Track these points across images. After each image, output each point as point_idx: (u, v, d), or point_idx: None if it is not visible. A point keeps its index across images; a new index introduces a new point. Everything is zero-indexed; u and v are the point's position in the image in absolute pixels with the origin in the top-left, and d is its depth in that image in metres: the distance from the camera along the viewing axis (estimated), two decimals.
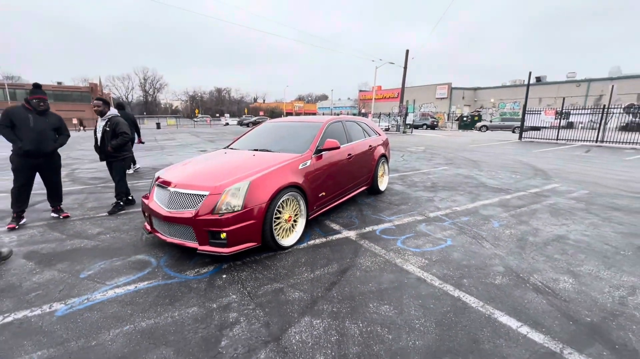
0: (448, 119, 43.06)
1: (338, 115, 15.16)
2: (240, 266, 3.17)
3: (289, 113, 62.68)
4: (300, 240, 3.73)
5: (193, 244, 3.13)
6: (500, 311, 2.41)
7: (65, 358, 1.97)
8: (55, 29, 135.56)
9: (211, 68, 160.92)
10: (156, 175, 3.83)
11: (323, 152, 4.16)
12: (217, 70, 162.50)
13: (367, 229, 4.17)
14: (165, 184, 3.43)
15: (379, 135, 6.20)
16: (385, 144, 6.29)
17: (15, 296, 2.67)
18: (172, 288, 2.79)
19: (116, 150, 4.61)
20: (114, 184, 4.90)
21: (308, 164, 3.88)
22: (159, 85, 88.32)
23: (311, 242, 3.74)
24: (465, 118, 37.26)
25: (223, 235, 3.02)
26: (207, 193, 3.12)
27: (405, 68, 28.50)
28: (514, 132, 26.94)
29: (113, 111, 4.70)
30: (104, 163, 4.93)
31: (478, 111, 42.03)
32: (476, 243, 3.69)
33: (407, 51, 28.14)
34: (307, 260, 3.28)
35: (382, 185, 6.00)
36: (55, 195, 4.48)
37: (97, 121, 4.74)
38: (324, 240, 3.81)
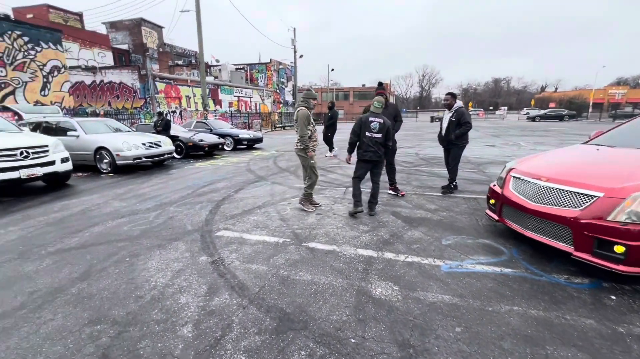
0: None
1: None
2: (630, 293, 2.53)
3: (597, 104, 46.31)
4: None
5: (565, 247, 2.82)
6: None
7: (470, 311, 2.32)
8: (357, 42, 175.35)
9: (487, 58, 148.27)
10: (508, 165, 3.81)
11: None
12: (494, 60, 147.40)
13: None
14: (528, 176, 3.30)
15: None
16: None
17: (402, 243, 3.56)
18: (544, 286, 2.65)
19: (458, 137, 5.10)
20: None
21: None
22: (434, 80, 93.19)
23: None
24: None
25: (620, 249, 2.47)
26: (599, 194, 2.66)
27: None
28: None
29: (459, 103, 5.20)
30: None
31: None
32: None
33: None
34: None
35: None
36: (392, 174, 5.56)
37: (444, 113, 5.45)
38: None
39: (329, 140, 10.93)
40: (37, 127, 8.18)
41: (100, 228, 4.12)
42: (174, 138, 10.19)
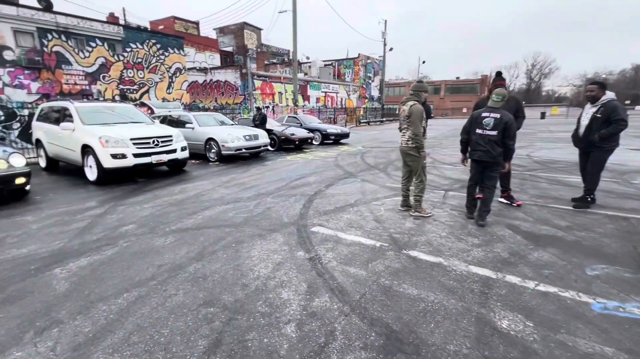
0: None
1: None
2: None
3: None
4: None
5: None
6: None
7: None
8: (451, 32, 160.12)
9: (625, 41, 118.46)
10: None
11: None
12: (636, 42, 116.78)
13: None
14: None
15: None
16: None
17: (528, 265, 2.93)
18: None
19: (604, 139, 4.03)
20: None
21: None
22: (547, 70, 79.33)
23: None
24: None
25: None
26: None
27: None
28: None
29: (609, 95, 4.09)
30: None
31: None
32: None
33: None
34: None
35: None
36: (505, 178, 4.70)
37: (583, 107, 4.38)
38: None
39: None
40: (163, 119, 9.67)
41: (210, 212, 4.54)
42: (269, 132, 10.86)
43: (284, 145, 11.40)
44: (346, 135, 13.77)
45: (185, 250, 3.32)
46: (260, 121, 11.21)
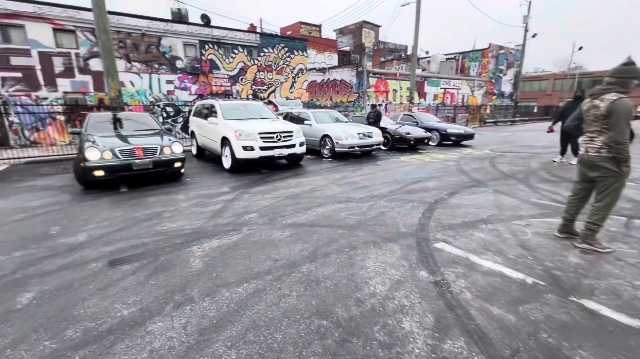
0: None
1: None
2: None
3: None
4: None
5: None
6: None
7: None
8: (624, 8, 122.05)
9: None
10: None
11: None
12: None
13: None
14: None
15: None
16: None
17: None
18: None
19: None
20: None
21: None
22: None
23: None
24: None
25: None
26: None
27: None
28: None
29: None
30: None
31: None
32: None
33: None
34: None
35: None
36: None
37: None
38: None
39: (566, 141, 7.95)
40: (285, 116, 10.42)
41: (323, 210, 4.48)
42: (382, 130, 10.42)
43: (397, 144, 10.78)
44: (470, 136, 12.08)
45: (299, 247, 3.28)
46: (374, 119, 10.88)
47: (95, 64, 13.05)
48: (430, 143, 11.85)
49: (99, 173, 5.30)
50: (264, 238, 3.53)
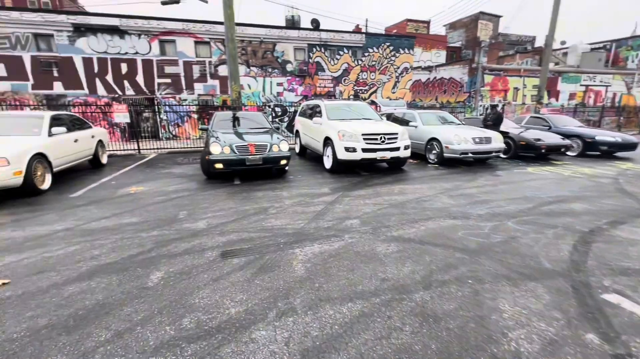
0: None
1: None
2: None
3: None
4: None
5: None
6: None
7: None
8: None
9: None
10: None
11: None
12: None
13: None
14: None
15: None
16: None
17: None
18: None
19: None
20: None
21: None
22: None
23: None
24: None
25: None
26: None
27: None
28: None
29: None
30: None
31: None
32: None
33: None
34: None
35: None
36: None
37: None
38: None
39: None
40: (388, 117, 9.91)
41: (433, 224, 3.90)
42: (503, 135, 8.88)
43: (521, 152, 9.03)
44: (631, 146, 9.26)
45: (409, 268, 2.84)
46: (493, 121, 9.36)
47: (222, 70, 15.08)
48: (568, 153, 9.56)
49: (219, 165, 5.90)
50: (367, 249, 3.21)
